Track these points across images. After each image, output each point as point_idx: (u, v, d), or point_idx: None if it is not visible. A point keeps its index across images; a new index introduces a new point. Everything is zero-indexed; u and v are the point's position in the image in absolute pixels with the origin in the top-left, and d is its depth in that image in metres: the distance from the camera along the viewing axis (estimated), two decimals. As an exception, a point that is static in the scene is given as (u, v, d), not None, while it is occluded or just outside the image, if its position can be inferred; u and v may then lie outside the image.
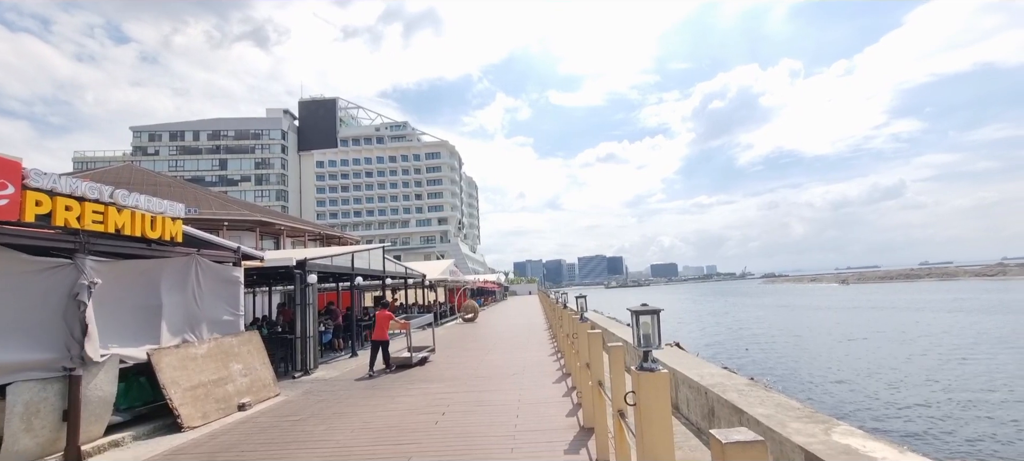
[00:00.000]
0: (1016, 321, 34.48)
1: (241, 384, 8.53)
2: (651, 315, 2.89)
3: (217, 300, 8.83)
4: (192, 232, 8.08)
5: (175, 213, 7.41)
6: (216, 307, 8.82)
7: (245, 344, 9.11)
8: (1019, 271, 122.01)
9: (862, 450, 4.15)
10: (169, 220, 7.27)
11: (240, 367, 8.68)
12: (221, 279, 8.96)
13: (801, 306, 61.94)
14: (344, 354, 14.85)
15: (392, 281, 22.04)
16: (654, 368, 2.79)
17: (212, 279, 8.77)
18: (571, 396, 7.87)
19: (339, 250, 15.69)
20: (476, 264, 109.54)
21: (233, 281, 9.17)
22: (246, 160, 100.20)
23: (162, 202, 7.27)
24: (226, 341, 8.70)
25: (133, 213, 6.80)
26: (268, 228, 34.06)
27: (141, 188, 25.21)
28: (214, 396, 7.90)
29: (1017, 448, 11.19)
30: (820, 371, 21.13)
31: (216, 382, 8.09)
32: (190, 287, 8.28)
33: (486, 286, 48.48)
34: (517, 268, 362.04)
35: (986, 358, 21.93)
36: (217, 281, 8.87)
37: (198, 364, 7.95)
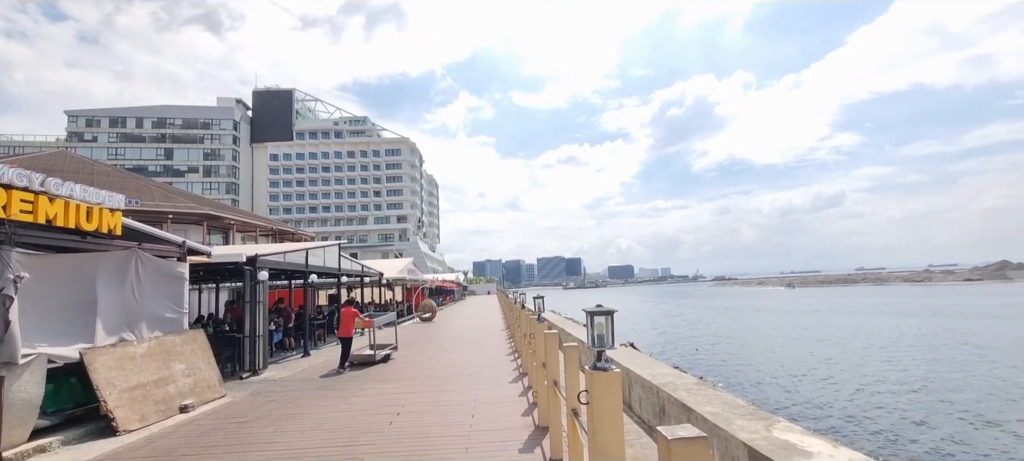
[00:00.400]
0: (937, 323, 37.21)
1: (184, 385, 8.14)
2: (605, 316, 2.96)
3: (159, 296, 8.40)
4: (133, 225, 7.64)
5: (114, 204, 6.99)
6: (158, 304, 8.38)
7: (189, 343, 8.70)
8: (942, 278, 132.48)
9: (799, 445, 4.40)
10: (107, 211, 6.85)
11: (183, 367, 8.29)
12: (164, 275, 8.52)
13: (749, 309, 64.63)
14: (296, 354, 14.41)
15: (348, 279, 21.54)
16: (607, 368, 2.86)
17: (154, 274, 8.33)
18: (527, 395, 7.93)
19: (293, 246, 15.22)
20: (435, 263, 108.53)
21: (177, 277, 8.74)
22: (194, 150, 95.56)
23: (100, 192, 6.85)
24: (168, 340, 8.28)
25: (67, 203, 6.37)
26: (217, 222, 32.58)
27: (76, 177, 23.65)
28: (154, 398, 7.51)
29: (931, 441, 12.07)
30: (764, 370, 22.13)
31: (156, 383, 7.69)
32: (129, 283, 7.84)
33: (445, 285, 48.12)
34: (477, 268, 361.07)
35: (908, 358, 23.54)
36: (159, 277, 8.43)
37: (137, 364, 7.54)
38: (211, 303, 19.12)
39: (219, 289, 18.82)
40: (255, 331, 11.18)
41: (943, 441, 12.08)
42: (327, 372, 11.35)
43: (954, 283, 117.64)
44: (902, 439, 12.33)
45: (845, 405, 15.71)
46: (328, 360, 13.23)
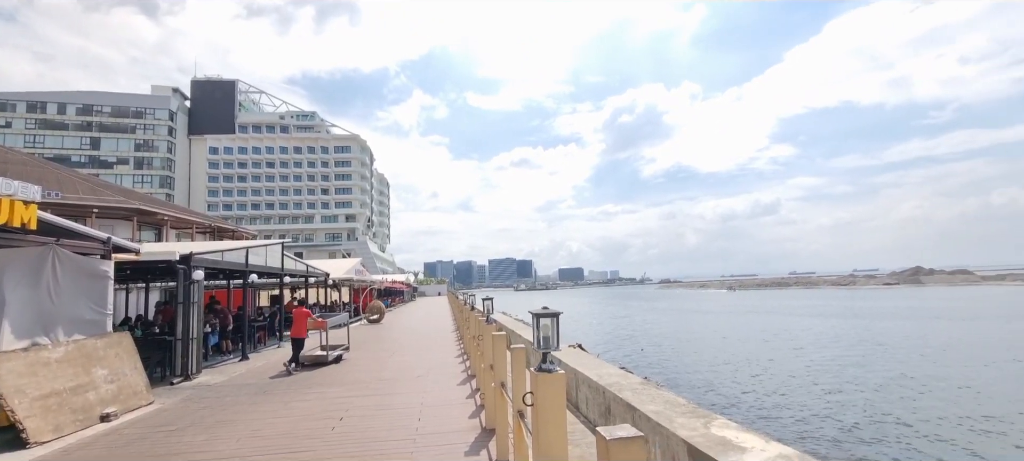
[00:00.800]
0: (859, 324, 40.12)
1: (106, 392, 7.58)
2: (551, 318, 2.99)
3: (79, 297, 7.78)
4: (50, 219, 7.03)
5: (28, 196, 6.41)
6: (77, 305, 7.76)
7: (113, 347, 8.11)
8: (865, 282, 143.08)
9: (735, 441, 4.63)
10: (20, 204, 6.27)
11: (105, 372, 7.71)
12: (85, 273, 7.90)
13: (694, 310, 67.23)
14: (233, 357, 13.73)
15: (292, 280, 20.74)
16: (552, 369, 2.89)
17: (73, 273, 7.71)
18: (475, 398, 7.90)
19: (231, 245, 14.50)
20: (385, 263, 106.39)
21: (100, 276, 8.12)
22: (124, 141, 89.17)
23: (12, 182, 6.26)
24: (88, 344, 7.69)
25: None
26: (148, 218, 30.57)
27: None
28: (71, 406, 6.95)
29: (855, 436, 12.97)
30: (706, 369, 23.08)
31: (74, 390, 7.12)
32: (45, 282, 7.22)
33: (394, 286, 47.23)
34: (428, 268, 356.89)
35: (832, 357, 25.20)
36: (80, 276, 7.81)
37: (52, 370, 6.95)
38: (141, 304, 17.94)
39: (149, 289, 17.68)
40: (188, 333, 10.56)
41: (858, 430, 13.01)
42: (276, 373, 11.21)
43: (875, 287, 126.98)
44: (828, 432, 13.17)
45: (778, 401, 16.63)
46: (268, 364, 12.70)
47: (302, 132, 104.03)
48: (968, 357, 23.90)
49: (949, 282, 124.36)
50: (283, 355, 14.24)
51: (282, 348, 15.93)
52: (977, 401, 15.97)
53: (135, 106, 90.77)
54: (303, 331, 11.86)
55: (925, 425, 13.65)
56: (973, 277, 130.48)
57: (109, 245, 8.31)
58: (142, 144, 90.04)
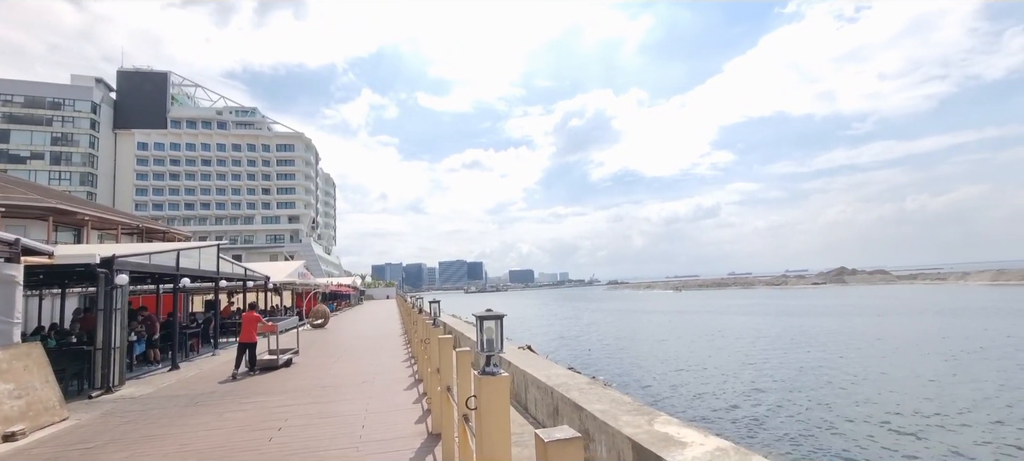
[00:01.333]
0: (791, 322, 42.71)
1: (11, 409, 6.90)
2: (494, 320, 2.97)
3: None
4: (-57, 218, 6.33)
5: (-85, 192, 5.74)
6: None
7: (20, 359, 7.40)
8: (796, 282, 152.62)
9: (676, 436, 4.79)
10: (-95, 201, 5.60)
11: (10, 387, 7.02)
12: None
13: (641, 310, 69.22)
14: (162, 367, 12.86)
15: (228, 283, 19.72)
16: (496, 372, 2.87)
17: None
18: (422, 402, 7.77)
19: (160, 247, 13.60)
20: (331, 266, 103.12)
21: (5, 281, 7.38)
22: (39, 134, 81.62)
23: None
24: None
25: None
26: (66, 217, 28.22)
27: None
28: (-32, 426, 6.28)
29: (786, 429, 13.76)
30: (652, 367, 23.81)
31: (-28, 408, 6.44)
32: (-64, 288, 6.49)
33: (340, 289, 45.83)
34: (376, 271, 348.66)
35: (767, 353, 26.66)
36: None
37: (-56, 386, 6.25)
38: (56, 312, 16.51)
39: (66, 296, 16.30)
40: (110, 343, 9.79)
41: (791, 421, 13.82)
42: (224, 378, 11.05)
43: (804, 286, 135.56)
44: (763, 423, 13.89)
45: (719, 397, 17.38)
46: (201, 373, 11.99)
47: (242, 129, 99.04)
48: (887, 350, 25.95)
49: (869, 281, 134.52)
50: (218, 363, 13.50)
51: (217, 356, 15.09)
52: (894, 390, 17.35)
53: (52, 96, 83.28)
54: (253, 335, 11.68)
55: (850, 414, 14.66)
56: (890, 276, 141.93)
57: (17, 247, 7.56)
58: (60, 138, 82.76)
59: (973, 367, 20.67)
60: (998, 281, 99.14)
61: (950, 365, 21.17)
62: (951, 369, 20.37)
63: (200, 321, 19.42)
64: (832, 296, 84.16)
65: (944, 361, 22.35)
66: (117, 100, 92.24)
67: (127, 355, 12.83)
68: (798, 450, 11.62)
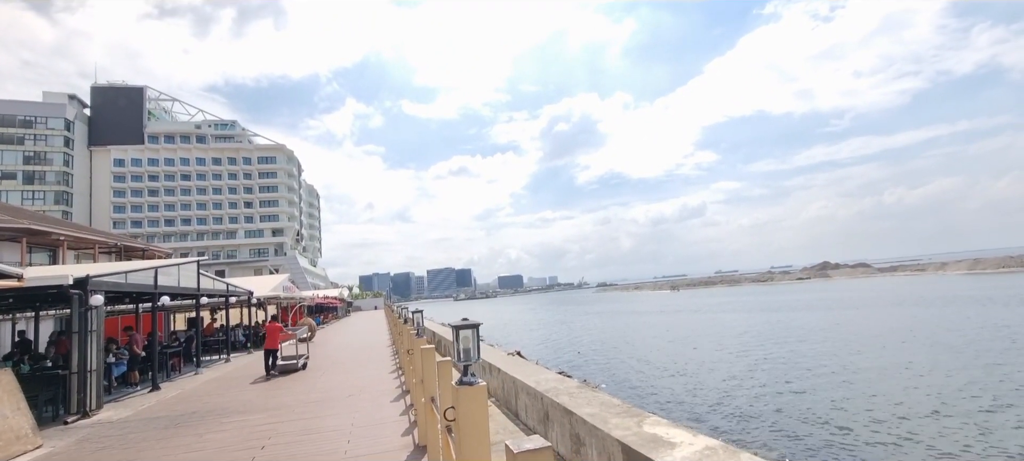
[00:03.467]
0: (779, 318, 43.20)
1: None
2: (471, 329, 2.91)
3: (-57, 332, 6.78)
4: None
5: None
6: (-59, 341, 6.76)
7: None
8: (781, 277, 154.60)
9: (665, 437, 4.78)
10: None
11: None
12: (-49, 304, 6.90)
13: (635, 311, 69.27)
14: (142, 389, 12.54)
15: (210, 300, 19.37)
16: (473, 382, 2.81)
17: (-64, 305, 6.72)
18: (409, 415, 7.66)
19: (137, 265, 13.29)
20: (316, 278, 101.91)
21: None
22: (11, 153, 79.54)
23: None
24: (-44, 385, 6.72)
25: None
26: (40, 238, 27.45)
27: None
28: (-67, 459, 6.03)
29: (779, 425, 13.84)
30: (643, 369, 23.84)
31: (-63, 440, 6.18)
32: None
33: (326, 302, 45.29)
34: (363, 282, 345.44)
35: (760, 352, 26.88)
36: (-56, 307, 6.82)
37: (-94, 418, 6.00)
38: (31, 335, 16.04)
39: (40, 319, 15.84)
40: (86, 366, 9.50)
41: (783, 417, 13.91)
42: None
43: (789, 282, 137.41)
44: (754, 420, 13.96)
45: (710, 394, 17.46)
46: (182, 393, 11.71)
47: (221, 142, 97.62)
48: (878, 343, 26.33)
49: (852, 275, 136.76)
50: (200, 382, 13.23)
51: (200, 375, 14.78)
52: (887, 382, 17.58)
53: (23, 114, 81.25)
54: (276, 343, 13.46)
55: (843, 408, 14.80)
56: (871, 269, 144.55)
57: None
58: (32, 156, 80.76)
59: (965, 356, 21.03)
60: (975, 270, 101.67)
61: (946, 356, 21.46)
62: (946, 359, 20.69)
63: (182, 340, 19.03)
64: (818, 290, 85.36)
65: (934, 350, 22.75)
66: (91, 116, 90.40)
67: (106, 377, 12.52)
68: (791, 447, 11.68)
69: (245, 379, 13.37)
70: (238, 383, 12.63)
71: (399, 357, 13.40)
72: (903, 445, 11.39)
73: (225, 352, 18.99)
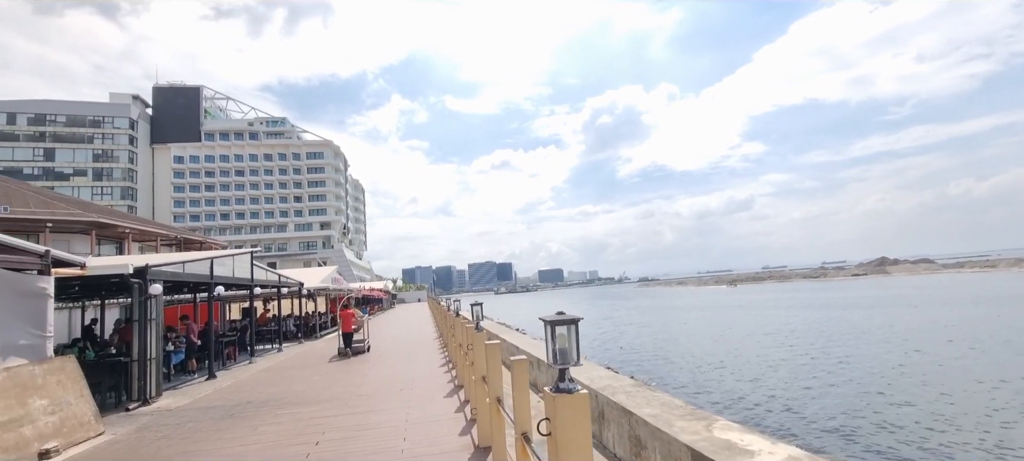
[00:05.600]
0: (837, 315, 40.78)
1: (45, 425, 6.71)
2: (568, 325, 2.39)
3: (12, 319, 6.88)
4: (-29, 231, 6.16)
5: (-59, 205, 5.55)
6: (10, 328, 6.86)
7: (54, 373, 7.22)
8: (835, 273, 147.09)
9: (740, 444, 4.21)
10: (-70, 214, 5.41)
11: (45, 403, 6.84)
12: (17, 292, 6.99)
13: (685, 307, 67.39)
14: (199, 377, 12.78)
15: (263, 291, 19.75)
16: (573, 389, 2.32)
17: (4, 292, 6.82)
18: (465, 411, 7.28)
19: (194, 256, 13.54)
20: (362, 271, 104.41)
21: (36, 294, 7.22)
22: (81, 151, 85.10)
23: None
24: (24, 371, 6.80)
25: None
26: (108, 231, 29.00)
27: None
28: (2, 444, 6.08)
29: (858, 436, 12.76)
30: (693, 367, 22.82)
31: (6, 425, 6.25)
32: (-32, 303, 6.34)
33: (372, 294, 46.04)
34: (406, 275, 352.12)
35: (821, 351, 25.29)
36: (12, 295, 6.91)
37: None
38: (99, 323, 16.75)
39: (106, 307, 16.48)
40: (146, 354, 9.65)
41: (862, 426, 12.80)
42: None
43: (844, 278, 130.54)
44: (831, 429, 12.93)
45: (774, 397, 16.38)
46: (237, 382, 11.82)
47: (272, 139, 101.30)
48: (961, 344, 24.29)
49: (913, 271, 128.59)
50: (254, 372, 13.39)
51: (254, 364, 15.02)
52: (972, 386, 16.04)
53: (92, 115, 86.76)
54: (350, 326, 15.03)
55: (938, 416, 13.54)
56: (935, 266, 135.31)
57: (47, 259, 7.40)
58: (101, 154, 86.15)
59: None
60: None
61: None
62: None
63: (238, 328, 19.50)
64: (878, 287, 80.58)
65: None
66: (153, 115, 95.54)
67: (165, 365, 12.83)
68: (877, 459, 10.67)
69: (297, 369, 13.45)
70: (290, 373, 12.69)
71: (448, 350, 13.14)
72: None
73: (277, 342, 19.33)
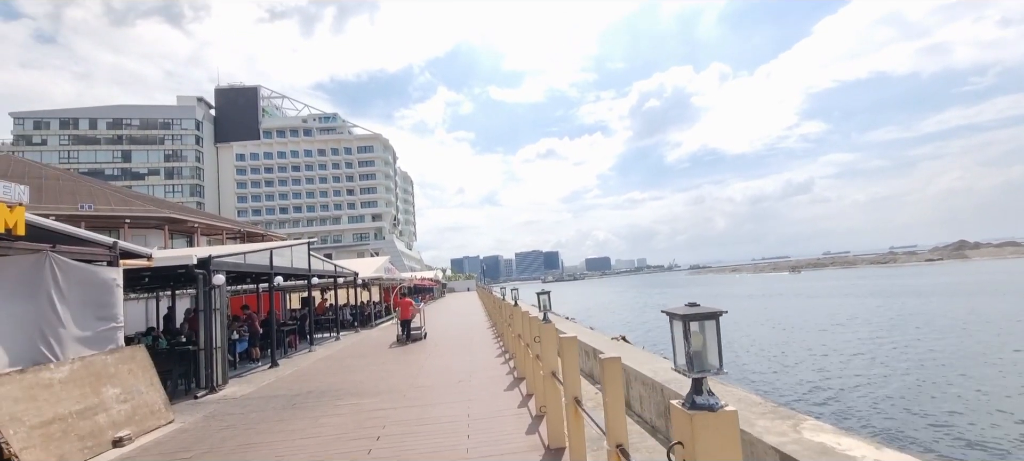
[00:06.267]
0: (918, 304, 37.70)
1: (118, 413, 6.80)
2: (704, 321, 1.82)
3: (85, 308, 7.00)
4: (42, 223, 6.24)
5: (13, 198, 5.60)
6: (84, 317, 6.99)
7: (126, 362, 7.34)
8: (906, 258, 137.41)
9: (837, 448, 3.64)
10: (3, 207, 5.46)
11: (117, 391, 6.93)
12: (89, 282, 7.12)
13: (743, 295, 64.81)
14: (262, 365, 13.03)
15: (320, 280, 20.12)
16: (714, 405, 1.78)
17: (77, 282, 6.94)
18: (528, 407, 6.85)
19: (254, 247, 13.78)
20: (412, 261, 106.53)
21: (107, 284, 7.33)
22: (154, 152, 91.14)
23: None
24: (97, 360, 6.91)
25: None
26: (179, 225, 30.62)
27: (21, 182, 21.62)
28: (77, 432, 6.16)
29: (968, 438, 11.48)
30: (760, 360, 21.55)
31: (81, 413, 6.34)
32: (44, 293, 6.45)
33: (423, 283, 46.66)
34: (454, 264, 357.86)
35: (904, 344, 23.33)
36: (84, 285, 7.03)
37: (55, 392, 6.17)
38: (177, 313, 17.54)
39: (176, 297, 17.18)
40: (211, 343, 9.80)
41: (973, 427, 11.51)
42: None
43: (917, 263, 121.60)
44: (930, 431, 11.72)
45: (862, 396, 15.13)
46: (298, 371, 11.93)
47: (324, 134, 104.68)
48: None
49: (997, 255, 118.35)
50: (314, 359, 13.55)
51: (313, 352, 15.23)
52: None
53: (162, 117, 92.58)
54: (408, 314, 15.66)
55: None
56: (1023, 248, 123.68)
57: (115, 250, 7.52)
58: (171, 154, 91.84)
59: None
60: None
61: None
62: None
63: (298, 317, 19.98)
64: (959, 272, 74.39)
65: None
66: (216, 116, 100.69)
67: (231, 353, 13.17)
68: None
69: (355, 357, 13.49)
70: (348, 362, 12.71)
71: (504, 341, 12.79)
72: None
73: (335, 330, 19.66)
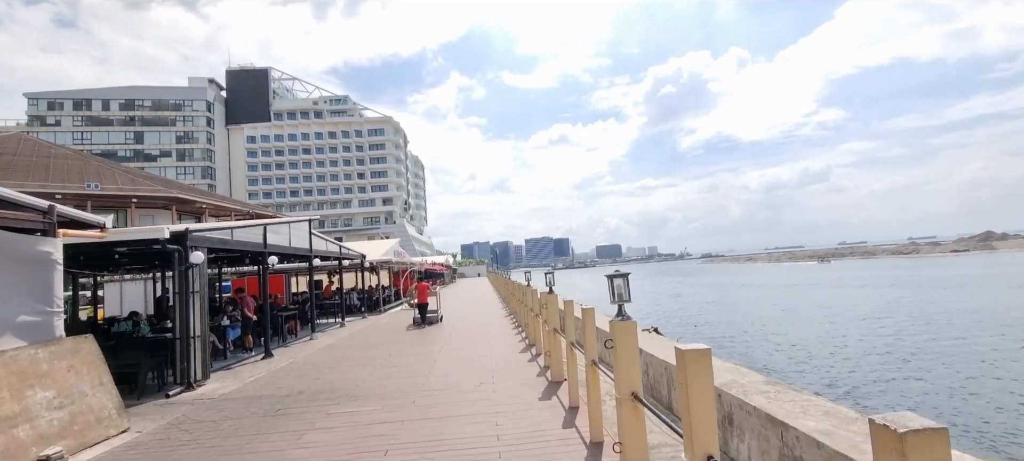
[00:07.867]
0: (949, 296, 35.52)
1: (49, 423, 5.32)
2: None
3: (8, 291, 5.51)
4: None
5: None
6: (7, 302, 5.50)
7: (64, 357, 5.85)
8: (929, 249, 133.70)
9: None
10: None
11: (49, 395, 5.46)
12: (16, 257, 5.61)
13: (771, 285, 62.59)
14: (256, 354, 11.61)
15: (323, 262, 18.70)
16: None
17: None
18: (576, 425, 5.24)
19: (244, 222, 12.30)
20: (423, 246, 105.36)
21: (40, 260, 5.82)
22: (166, 133, 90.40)
23: None
24: (21, 355, 5.43)
25: None
26: (187, 206, 29.42)
27: (30, 160, 20.29)
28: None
29: None
30: (784, 351, 19.81)
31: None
32: (-53, 269, 4.96)
33: (434, 268, 45.33)
34: (465, 250, 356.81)
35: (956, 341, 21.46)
36: (7, 261, 5.53)
37: (-43, 398, 4.70)
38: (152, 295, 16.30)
39: (166, 278, 15.81)
40: (188, 331, 8.32)
41: None
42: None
43: (940, 254, 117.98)
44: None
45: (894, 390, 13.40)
46: (294, 363, 10.47)
47: (335, 116, 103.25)
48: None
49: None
50: (314, 349, 12.12)
51: (315, 340, 13.81)
52: None
53: (174, 98, 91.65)
54: (425, 298, 15.54)
55: None
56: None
57: (52, 216, 5.98)
58: (183, 136, 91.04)
59: None
60: None
61: None
62: None
63: (300, 302, 18.60)
64: (987, 264, 71.43)
65: None
66: (227, 97, 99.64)
67: (222, 341, 11.77)
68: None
69: (359, 348, 12.04)
70: (351, 354, 11.23)
71: (527, 331, 11.22)
72: None
73: (340, 316, 18.26)
